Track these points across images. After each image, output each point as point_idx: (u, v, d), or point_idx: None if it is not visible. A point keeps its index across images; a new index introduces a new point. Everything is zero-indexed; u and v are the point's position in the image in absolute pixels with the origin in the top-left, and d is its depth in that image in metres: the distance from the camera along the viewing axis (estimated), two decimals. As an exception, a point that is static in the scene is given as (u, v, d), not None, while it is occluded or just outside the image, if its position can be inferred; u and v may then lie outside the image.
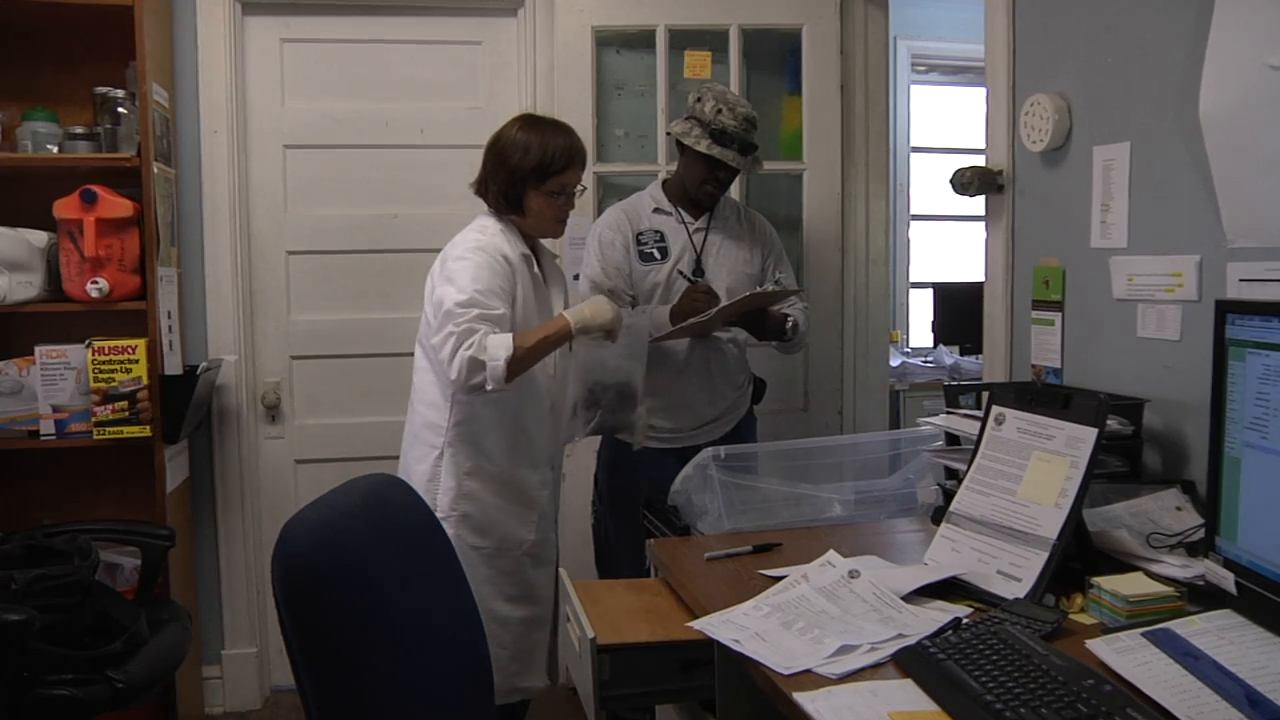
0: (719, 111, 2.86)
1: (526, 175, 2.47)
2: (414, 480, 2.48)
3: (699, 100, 2.91)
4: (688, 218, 3.03)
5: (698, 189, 2.97)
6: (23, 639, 2.21)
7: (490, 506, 2.52)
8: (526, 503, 2.58)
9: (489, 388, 2.33)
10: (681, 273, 2.97)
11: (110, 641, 2.46)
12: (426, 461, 2.52)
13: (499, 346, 2.32)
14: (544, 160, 2.47)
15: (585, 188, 2.65)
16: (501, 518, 2.54)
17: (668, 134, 3.13)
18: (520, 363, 2.36)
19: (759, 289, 2.90)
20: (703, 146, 2.87)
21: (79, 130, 3.09)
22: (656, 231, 3.01)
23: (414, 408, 2.60)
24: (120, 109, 3.07)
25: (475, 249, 2.44)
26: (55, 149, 3.06)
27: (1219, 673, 1.31)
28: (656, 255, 2.99)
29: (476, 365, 2.31)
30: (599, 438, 3.03)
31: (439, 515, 2.42)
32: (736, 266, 3.03)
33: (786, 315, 2.99)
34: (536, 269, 2.58)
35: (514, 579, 2.56)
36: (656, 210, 3.04)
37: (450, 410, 2.50)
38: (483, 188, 2.57)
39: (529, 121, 2.55)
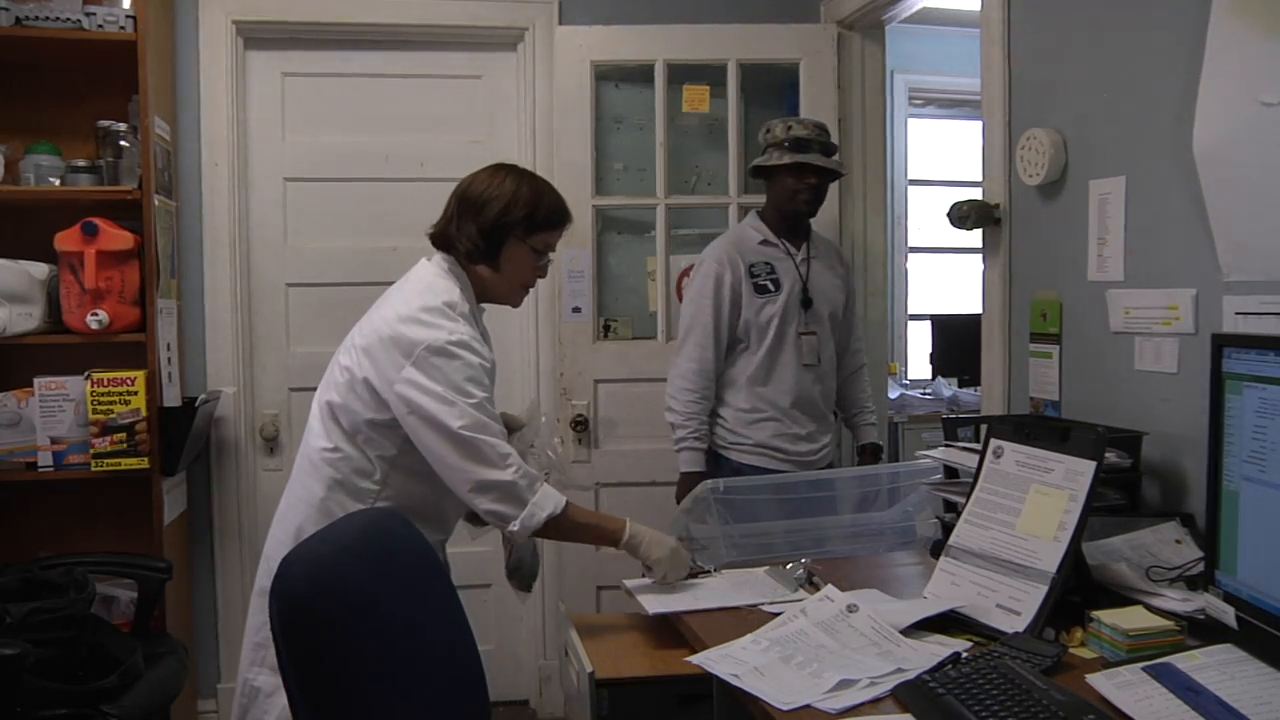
0: (789, 127, 2.96)
1: (515, 223, 2.11)
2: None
3: (768, 131, 2.99)
4: (791, 249, 3.04)
5: (792, 202, 2.96)
6: (17, 673, 2.19)
7: None
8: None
9: (513, 528, 2.00)
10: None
11: (106, 675, 2.44)
12: None
13: (549, 498, 2.02)
14: (538, 209, 2.12)
15: (552, 260, 2.27)
16: None
17: (751, 174, 3.11)
18: (558, 529, 2.05)
19: None
20: (787, 159, 2.91)
21: (81, 163, 3.10)
22: (767, 263, 3.00)
23: (319, 471, 2.08)
24: (122, 142, 3.09)
25: (459, 344, 2.03)
26: (57, 182, 3.07)
27: (1220, 708, 1.30)
28: (770, 287, 2.98)
29: (517, 501, 1.99)
30: None
31: None
32: (833, 295, 3.08)
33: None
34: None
35: None
36: (763, 242, 3.03)
37: (384, 481, 2.06)
38: (446, 234, 2.19)
39: (511, 169, 2.19)
